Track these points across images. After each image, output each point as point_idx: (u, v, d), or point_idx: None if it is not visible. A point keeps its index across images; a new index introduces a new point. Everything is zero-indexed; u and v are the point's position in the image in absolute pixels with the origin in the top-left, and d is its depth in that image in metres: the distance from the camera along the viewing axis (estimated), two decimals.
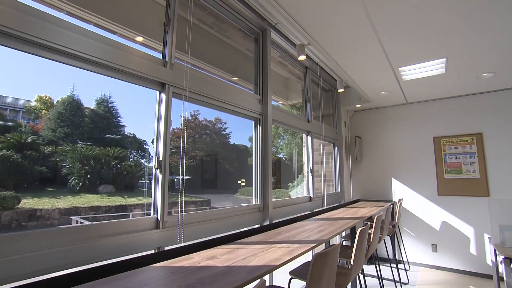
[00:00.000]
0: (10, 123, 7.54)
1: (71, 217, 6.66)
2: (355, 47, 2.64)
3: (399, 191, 4.56)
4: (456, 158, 4.12)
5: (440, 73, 3.25)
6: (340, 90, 3.67)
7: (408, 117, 4.62)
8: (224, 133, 14.07)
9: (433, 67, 3.11)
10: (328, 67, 3.42)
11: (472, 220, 3.93)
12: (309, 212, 3.17)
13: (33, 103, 8.24)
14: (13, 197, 5.89)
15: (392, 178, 4.65)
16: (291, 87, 4.38)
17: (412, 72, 3.25)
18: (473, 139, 4.03)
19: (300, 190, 8.88)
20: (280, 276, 2.17)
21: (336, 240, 3.79)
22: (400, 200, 4.13)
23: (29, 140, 7.09)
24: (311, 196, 3.41)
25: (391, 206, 4.12)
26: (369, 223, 2.30)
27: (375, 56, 2.83)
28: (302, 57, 2.60)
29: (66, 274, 1.07)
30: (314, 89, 3.85)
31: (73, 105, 8.54)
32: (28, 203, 6.30)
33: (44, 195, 6.84)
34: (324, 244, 2.58)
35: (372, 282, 3.58)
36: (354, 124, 5.14)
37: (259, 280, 1.03)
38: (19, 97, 7.93)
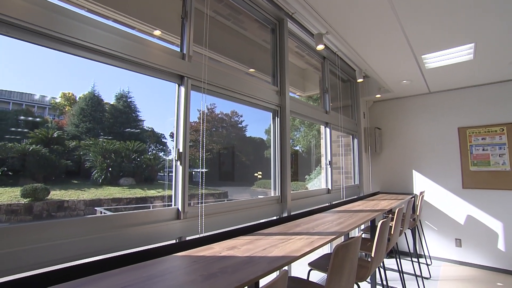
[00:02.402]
0: (38, 119, 7.93)
1: (95, 208, 6.98)
2: (376, 35, 2.54)
3: (421, 183, 4.41)
4: (483, 150, 3.92)
5: (468, 60, 3.07)
6: (359, 80, 3.56)
7: (430, 107, 4.42)
8: (240, 126, 14.10)
9: (460, 53, 2.94)
10: (347, 57, 3.32)
11: (501, 214, 3.74)
12: (327, 204, 3.14)
13: (58, 100, 8.59)
14: (43, 189, 6.25)
15: (413, 170, 4.50)
16: (309, 78, 4.30)
17: (436, 59, 3.09)
18: (503, 130, 3.81)
19: (317, 182, 8.80)
20: (299, 267, 2.18)
21: (355, 233, 3.74)
22: (421, 193, 4.00)
23: (55, 135, 7.44)
24: (330, 188, 3.37)
25: (412, 199, 4.00)
26: (389, 215, 2.25)
27: (397, 44, 2.71)
28: (320, 47, 2.54)
29: (92, 261, 1.12)
30: (332, 80, 3.76)
31: (94, 100, 8.83)
32: (56, 194, 6.65)
33: (70, 187, 7.18)
34: (343, 236, 2.55)
35: (392, 275, 3.51)
36: (373, 115, 5.00)
37: (279, 271, 1.03)
38: (45, 94, 8.30)
